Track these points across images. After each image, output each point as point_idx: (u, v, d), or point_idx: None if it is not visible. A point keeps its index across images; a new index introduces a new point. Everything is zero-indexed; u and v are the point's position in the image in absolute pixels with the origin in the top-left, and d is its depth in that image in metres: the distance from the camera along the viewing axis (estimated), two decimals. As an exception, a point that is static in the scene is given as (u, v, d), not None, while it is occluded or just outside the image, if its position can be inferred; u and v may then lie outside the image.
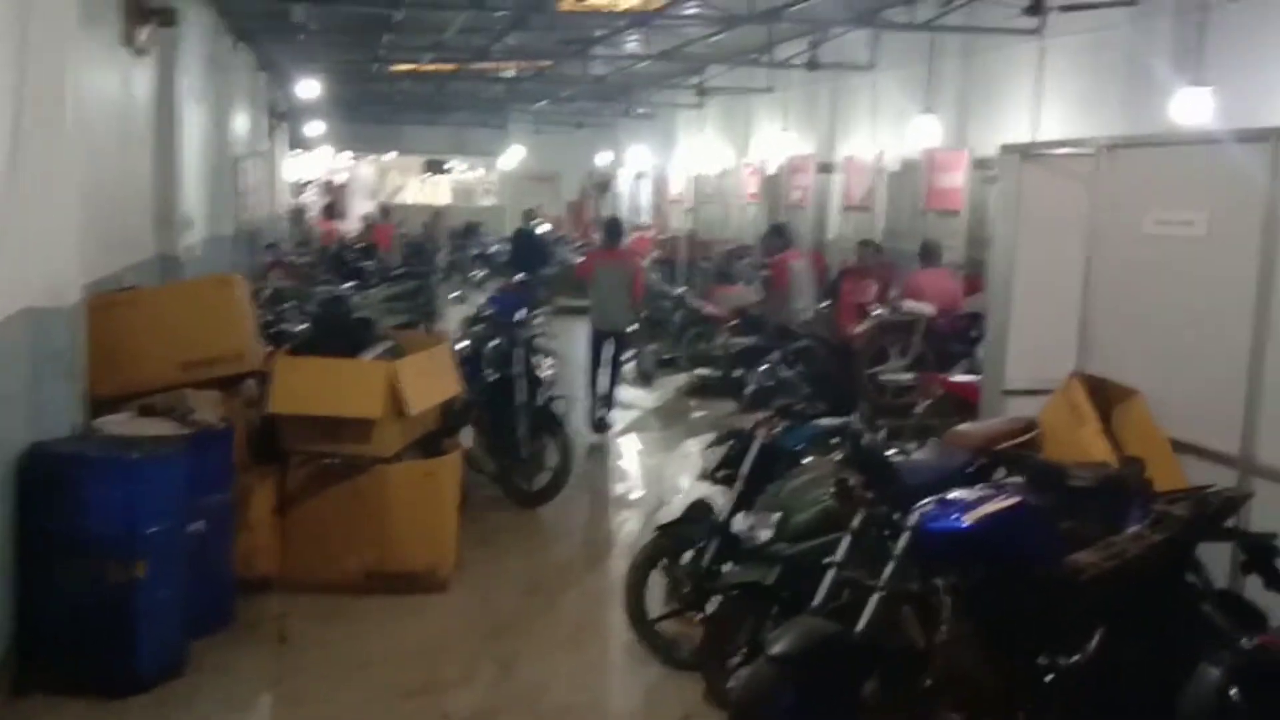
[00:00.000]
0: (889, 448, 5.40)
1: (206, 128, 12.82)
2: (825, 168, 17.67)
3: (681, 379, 14.14)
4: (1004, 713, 4.09)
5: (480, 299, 12.97)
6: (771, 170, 19.52)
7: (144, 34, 8.47)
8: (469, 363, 9.22)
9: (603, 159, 30.23)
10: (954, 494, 4.53)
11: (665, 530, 5.95)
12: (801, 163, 18.21)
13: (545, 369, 8.71)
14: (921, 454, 5.55)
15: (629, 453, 10.66)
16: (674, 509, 8.07)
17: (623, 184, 29.26)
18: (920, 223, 14.01)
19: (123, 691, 5.20)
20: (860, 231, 16.00)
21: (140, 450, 5.42)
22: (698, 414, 12.44)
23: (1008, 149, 7.38)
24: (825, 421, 5.83)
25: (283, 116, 22.64)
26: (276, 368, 6.49)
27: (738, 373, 12.54)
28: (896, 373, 8.87)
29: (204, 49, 11.92)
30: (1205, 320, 5.62)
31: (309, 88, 19.73)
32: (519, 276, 14.10)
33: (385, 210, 22.88)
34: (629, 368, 13.34)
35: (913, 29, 13.35)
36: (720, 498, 5.86)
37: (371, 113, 31.59)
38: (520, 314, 9.63)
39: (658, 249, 24.04)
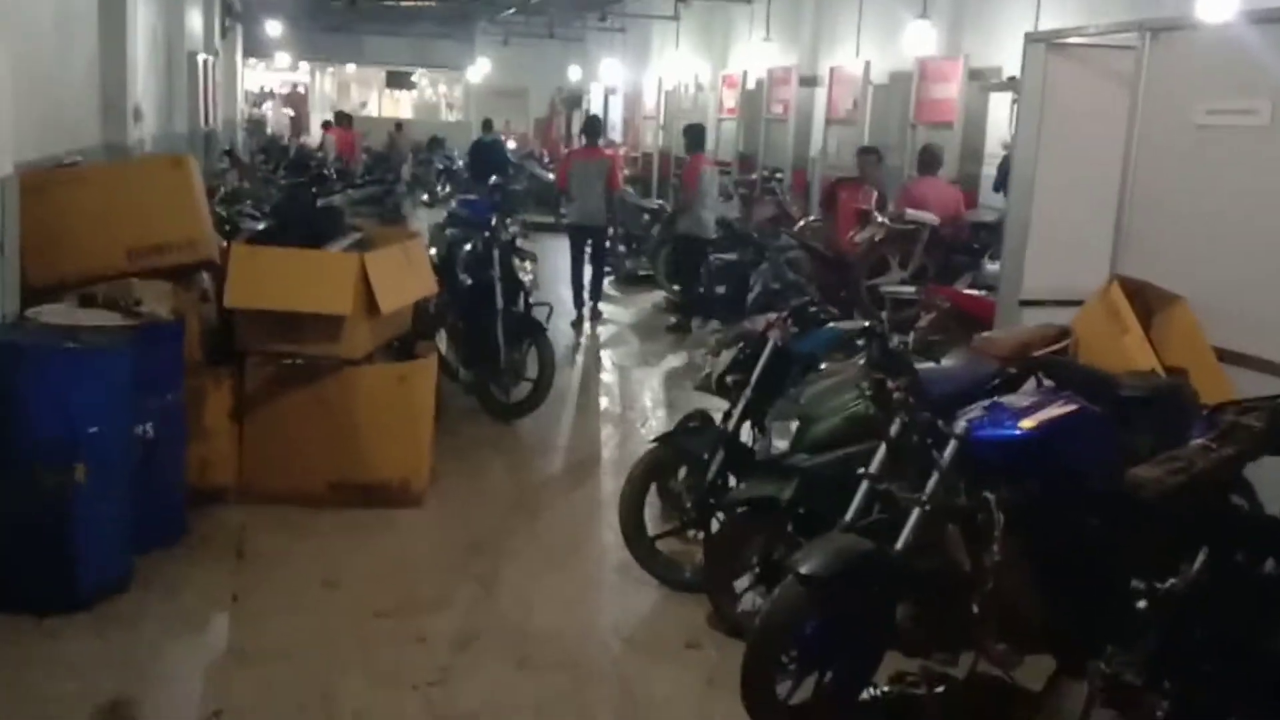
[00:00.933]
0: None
1: (156, 14, 11.96)
2: (808, 81, 17.01)
3: (659, 295, 13.58)
4: (1074, 646, 3.63)
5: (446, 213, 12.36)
6: (751, 84, 18.83)
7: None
8: (441, 269, 8.62)
9: (573, 74, 29.28)
10: (1004, 400, 4.03)
11: (664, 441, 5.42)
12: (783, 75, 17.50)
13: (525, 272, 8.10)
14: (946, 362, 5.04)
15: (611, 365, 10.12)
16: (666, 422, 7.59)
17: (594, 100, 28.38)
18: (910, 136, 13.43)
19: (59, 608, 4.64)
20: (846, 146, 15.44)
21: (78, 341, 4.81)
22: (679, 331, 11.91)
23: (1032, 37, 6.81)
24: (844, 325, 5.31)
25: (237, 17, 21.58)
26: (232, 257, 5.86)
27: (719, 289, 12.00)
28: (897, 285, 8.32)
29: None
30: (1261, 218, 5.13)
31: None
32: (493, 180, 13.43)
33: (348, 118, 21.92)
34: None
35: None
36: (717, 411, 5.35)
37: (330, 20, 30.46)
38: (494, 218, 9.00)
39: (629, 167, 23.41)
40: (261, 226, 6.49)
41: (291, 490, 5.99)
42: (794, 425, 4.55)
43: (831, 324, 5.33)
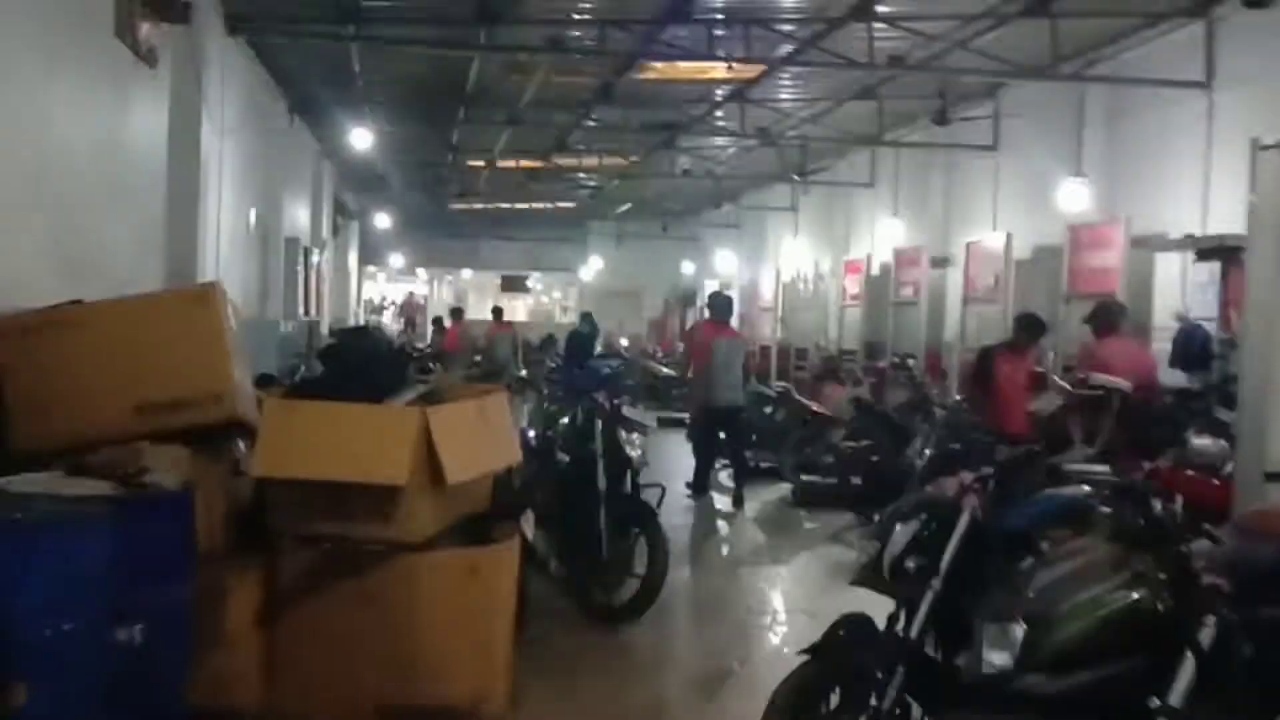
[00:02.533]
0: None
1: (249, 196, 11.38)
2: (940, 261, 15.84)
3: (784, 488, 12.13)
4: None
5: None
6: (875, 268, 17.76)
7: (145, 30, 6.91)
8: (538, 455, 7.42)
9: (687, 269, 28.70)
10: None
11: (819, 653, 3.95)
12: (912, 256, 16.38)
13: (634, 447, 6.81)
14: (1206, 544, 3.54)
15: (733, 566, 8.63)
16: (809, 630, 6.09)
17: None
18: (1064, 311, 12.05)
19: None
20: (986, 326, 14.09)
21: (30, 512, 3.61)
22: (809, 525, 10.42)
23: (1265, 149, 5.51)
24: (1069, 490, 3.86)
25: (351, 216, 21.44)
26: (265, 413, 4.68)
27: (855, 480, 10.57)
28: (1083, 463, 6.81)
29: (239, 84, 10.44)
30: None
31: (374, 189, 18.63)
32: (600, 351, 12.38)
33: (458, 312, 21.35)
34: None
35: (1058, 79, 11.59)
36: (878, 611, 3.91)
37: (446, 227, 30.66)
38: (601, 393, 7.85)
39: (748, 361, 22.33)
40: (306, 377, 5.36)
41: (331, 713, 4.64)
42: (1019, 630, 3.08)
43: (1049, 490, 3.88)
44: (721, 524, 10.49)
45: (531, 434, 8.08)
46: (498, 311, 20.69)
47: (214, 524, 4.69)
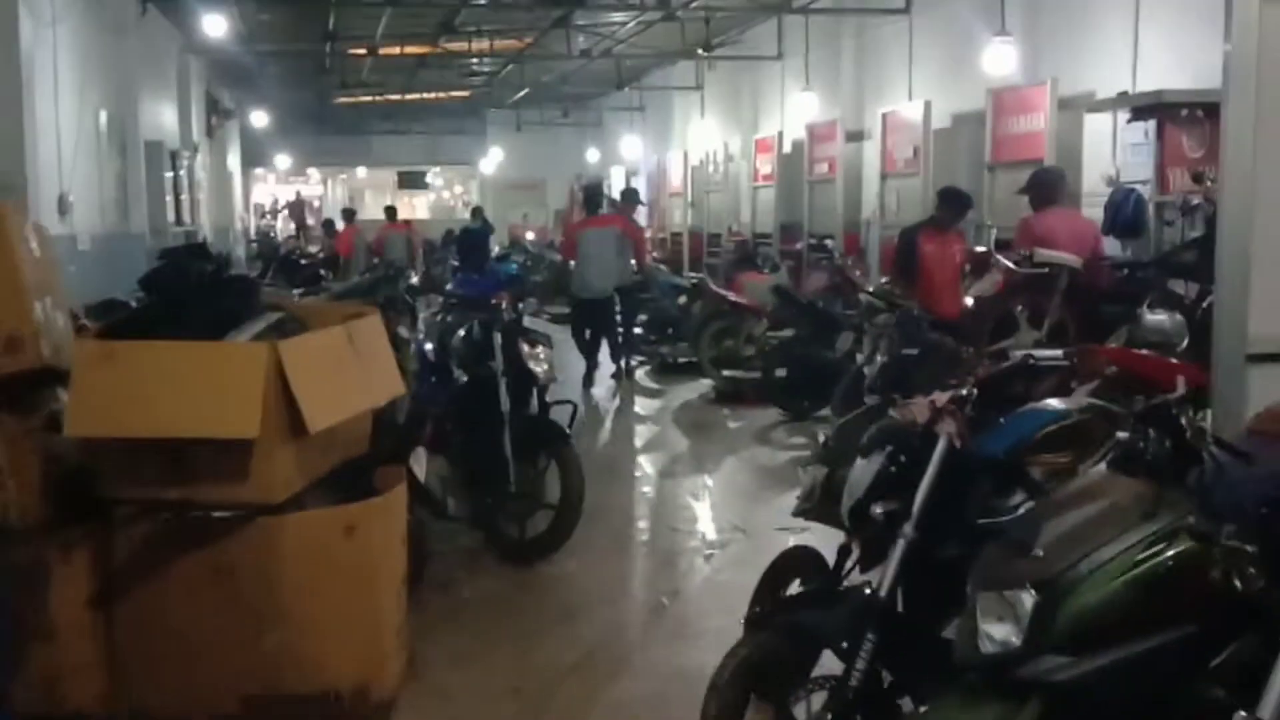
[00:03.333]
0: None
1: (99, 95, 10.17)
2: (855, 135, 15.11)
3: (704, 385, 11.49)
4: None
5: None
6: (787, 146, 16.97)
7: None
8: (433, 368, 6.62)
9: (592, 157, 27.63)
10: None
11: (765, 626, 3.26)
12: (826, 131, 15.61)
13: (539, 361, 6.03)
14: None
15: (655, 476, 7.96)
16: (749, 557, 5.45)
17: (616, 183, 26.68)
18: (988, 181, 11.43)
19: None
20: (907, 202, 13.46)
21: None
22: (734, 424, 9.79)
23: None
24: (1057, 402, 3.18)
25: (227, 115, 19.98)
26: (76, 358, 3.81)
27: (780, 372, 9.93)
28: (1031, 348, 6.19)
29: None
30: None
31: (253, 85, 17.24)
32: (499, 250, 11.65)
33: (349, 214, 20.15)
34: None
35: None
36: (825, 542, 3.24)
37: (335, 123, 29.11)
38: (500, 297, 7.04)
39: (657, 249, 21.52)
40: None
41: (189, 709, 3.90)
42: (1028, 599, 2.40)
43: (1033, 404, 3.20)
44: (637, 429, 9.82)
45: (429, 347, 7.25)
46: (390, 211, 19.55)
47: (28, 493, 3.87)
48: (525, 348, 6.02)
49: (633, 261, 12.08)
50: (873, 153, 14.57)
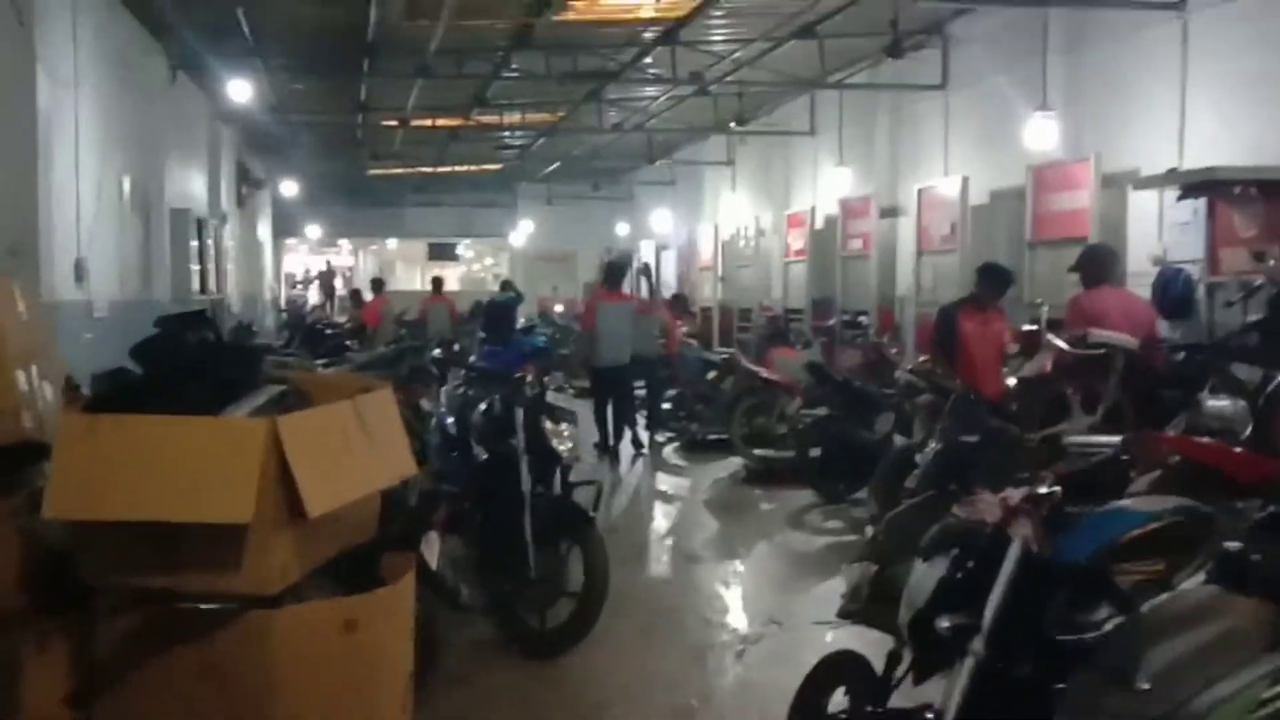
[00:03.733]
0: None
1: (121, 161, 10.04)
2: (889, 211, 14.87)
3: (735, 463, 11.12)
4: None
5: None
6: (819, 222, 16.75)
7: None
8: (454, 443, 6.33)
9: (622, 231, 27.52)
10: None
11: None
12: (859, 206, 15.40)
13: (563, 440, 5.71)
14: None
15: (684, 561, 7.56)
16: (786, 651, 5.06)
17: (645, 257, 26.53)
18: (1028, 259, 11.14)
19: None
20: (942, 279, 13.15)
21: None
22: (766, 506, 9.40)
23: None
24: (1142, 502, 2.82)
25: (257, 185, 19.96)
26: (60, 434, 3.51)
27: (814, 452, 9.56)
28: (1085, 434, 5.81)
29: (95, 34, 8.99)
30: None
31: (284, 155, 17.21)
32: (524, 323, 11.51)
33: (378, 284, 19.98)
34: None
35: (1015, 3, 10.60)
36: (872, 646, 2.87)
37: (366, 195, 29.20)
38: (522, 371, 6.74)
39: (686, 323, 21.28)
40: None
41: (172, 822, 3.53)
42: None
43: (1117, 503, 2.84)
44: (664, 510, 9.45)
45: (450, 421, 6.95)
46: (437, 282, 19.47)
47: (4, 579, 3.55)
48: (548, 424, 5.70)
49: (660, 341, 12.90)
50: (908, 229, 14.32)
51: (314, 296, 33.69)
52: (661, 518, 9.12)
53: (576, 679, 5.27)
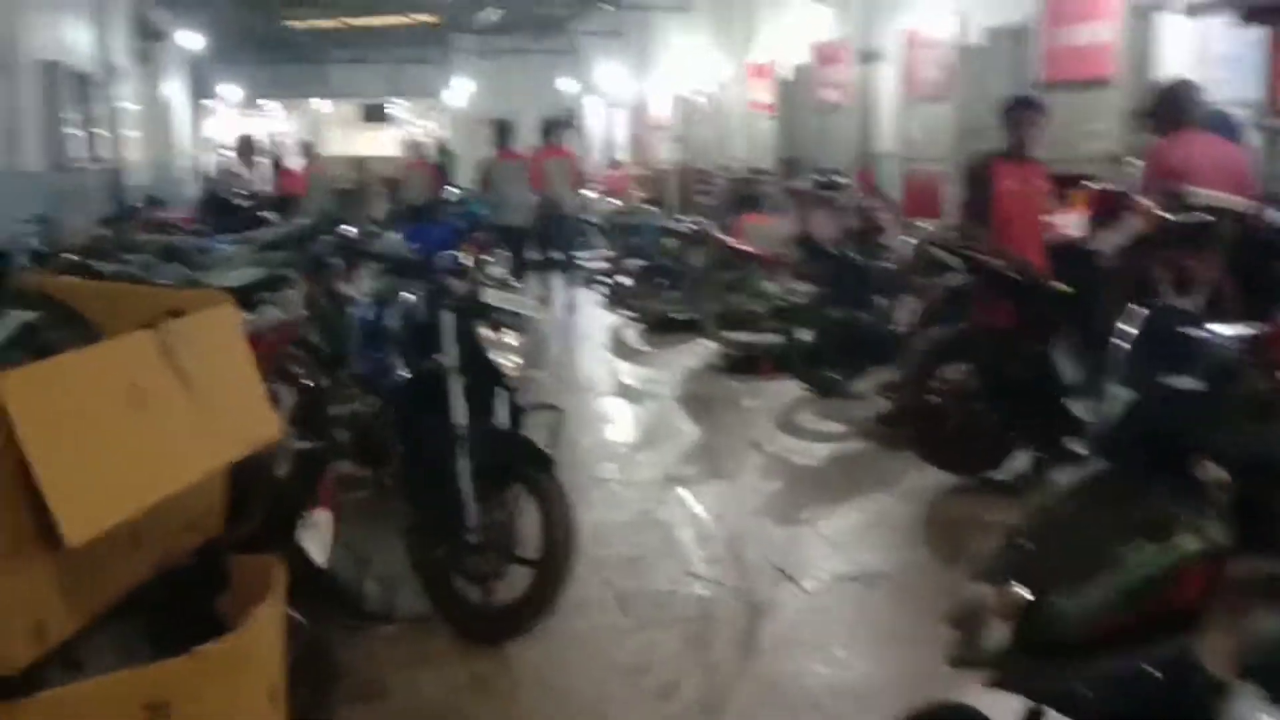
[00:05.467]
0: None
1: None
2: (869, 56, 13.25)
3: (707, 348, 9.73)
4: None
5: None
6: (789, 71, 15.11)
7: None
8: (378, 343, 4.87)
9: (566, 87, 25.58)
10: None
11: None
12: (834, 52, 13.77)
13: (508, 352, 4.24)
14: None
15: (660, 486, 6.16)
16: (804, 620, 3.72)
17: (593, 116, 24.69)
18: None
19: None
20: (933, 131, 11.65)
21: None
22: (749, 403, 8.03)
23: None
24: None
25: (158, 36, 17.83)
26: None
27: (802, 336, 8.18)
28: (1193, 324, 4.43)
29: None
30: None
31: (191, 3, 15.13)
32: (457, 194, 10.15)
33: (307, 148, 18.06)
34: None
35: None
36: None
37: (288, 50, 26.89)
38: (448, 256, 5.23)
39: (640, 187, 19.64)
40: None
41: None
42: None
43: None
44: (631, 411, 8.05)
45: (370, 316, 5.46)
46: (307, 147, 17.42)
47: None
48: (488, 333, 4.22)
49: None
50: (889, 76, 12.77)
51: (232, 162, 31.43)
52: (628, 422, 7.72)
53: (529, 680, 3.91)
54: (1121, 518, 2.07)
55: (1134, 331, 2.33)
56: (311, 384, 5.44)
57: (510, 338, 4.27)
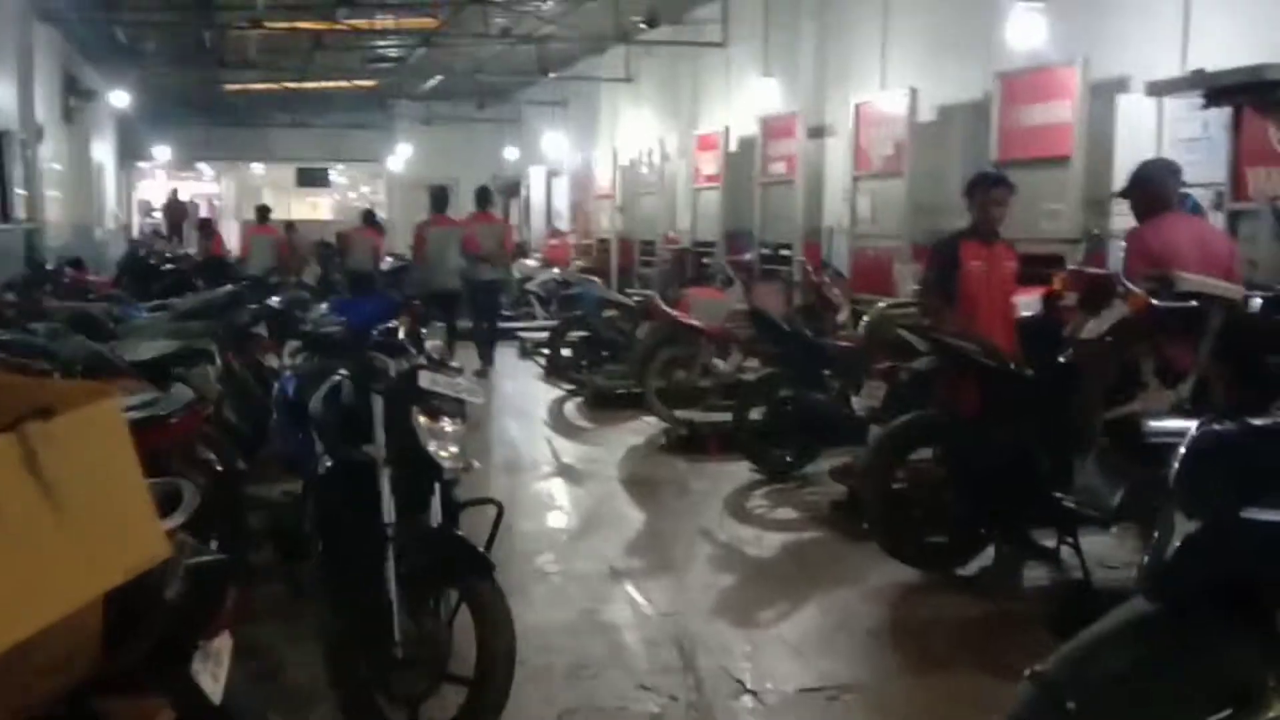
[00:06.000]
0: None
1: None
2: (817, 131, 13.13)
3: (650, 425, 9.35)
4: None
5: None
6: (734, 144, 14.95)
7: None
8: (301, 422, 4.44)
9: (510, 155, 25.35)
10: None
11: None
12: (782, 125, 13.62)
13: (445, 441, 3.82)
14: None
15: (605, 580, 5.72)
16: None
17: (535, 185, 24.44)
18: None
19: None
20: (884, 206, 11.47)
21: None
22: (697, 485, 7.64)
23: None
24: None
25: (87, 95, 17.31)
26: None
27: (753, 414, 7.83)
28: (1171, 420, 4.10)
29: None
30: None
31: (124, 65, 14.67)
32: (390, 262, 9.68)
33: (263, 212, 17.39)
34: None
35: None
36: None
37: (225, 114, 26.43)
38: (379, 329, 4.82)
39: (581, 256, 19.36)
40: None
41: None
42: None
43: None
44: (570, 493, 7.62)
45: (291, 390, 5.02)
46: (262, 211, 16.79)
47: None
48: (423, 420, 3.80)
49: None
50: (839, 150, 12.65)
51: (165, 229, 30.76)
52: (569, 506, 7.29)
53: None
54: (1196, 680, 1.70)
55: (1184, 446, 1.97)
56: (222, 469, 5.00)
57: (448, 424, 3.85)
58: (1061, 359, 5.06)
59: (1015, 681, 4.18)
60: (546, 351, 12.34)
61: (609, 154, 19.66)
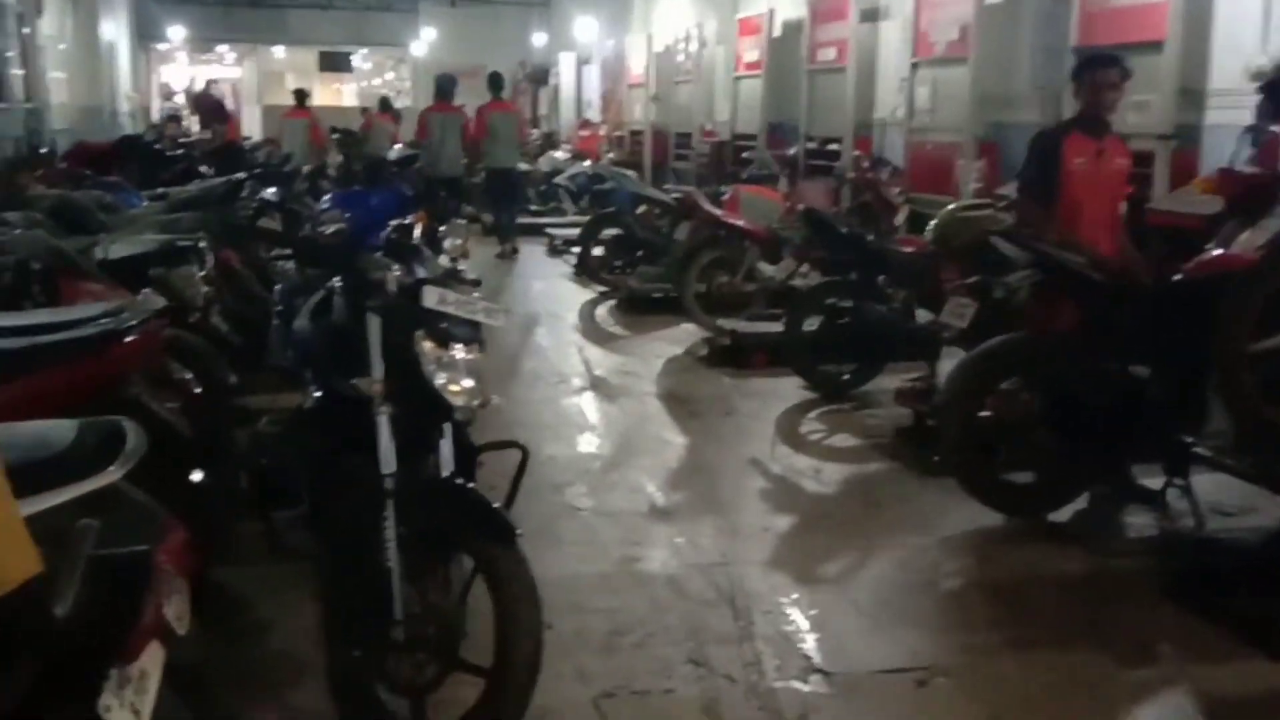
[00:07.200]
0: None
1: None
2: (870, 14, 12.12)
3: (690, 333, 8.63)
4: None
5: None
6: (779, 27, 13.95)
7: None
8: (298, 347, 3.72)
9: (539, 41, 24.24)
10: None
11: None
12: (833, 6, 12.62)
13: (458, 374, 3.10)
14: None
15: (641, 523, 5.03)
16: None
17: (565, 72, 23.38)
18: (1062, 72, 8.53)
19: None
20: (946, 98, 10.54)
21: None
22: (744, 402, 6.91)
23: None
24: None
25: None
26: None
27: (808, 324, 7.06)
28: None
29: None
30: None
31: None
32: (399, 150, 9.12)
33: (301, 95, 16.58)
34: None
35: None
36: None
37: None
38: (380, 233, 4.08)
39: (613, 148, 18.42)
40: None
41: None
42: None
43: None
44: (603, 412, 6.91)
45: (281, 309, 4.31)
46: (300, 95, 16.21)
47: None
48: (429, 347, 3.07)
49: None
50: (894, 34, 11.65)
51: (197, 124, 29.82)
52: (602, 428, 6.58)
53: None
54: None
55: None
56: (202, 389, 4.32)
57: (460, 352, 3.11)
58: (1185, 275, 4.26)
59: (1138, 662, 3.38)
60: (577, 250, 11.55)
61: (643, 40, 18.64)
